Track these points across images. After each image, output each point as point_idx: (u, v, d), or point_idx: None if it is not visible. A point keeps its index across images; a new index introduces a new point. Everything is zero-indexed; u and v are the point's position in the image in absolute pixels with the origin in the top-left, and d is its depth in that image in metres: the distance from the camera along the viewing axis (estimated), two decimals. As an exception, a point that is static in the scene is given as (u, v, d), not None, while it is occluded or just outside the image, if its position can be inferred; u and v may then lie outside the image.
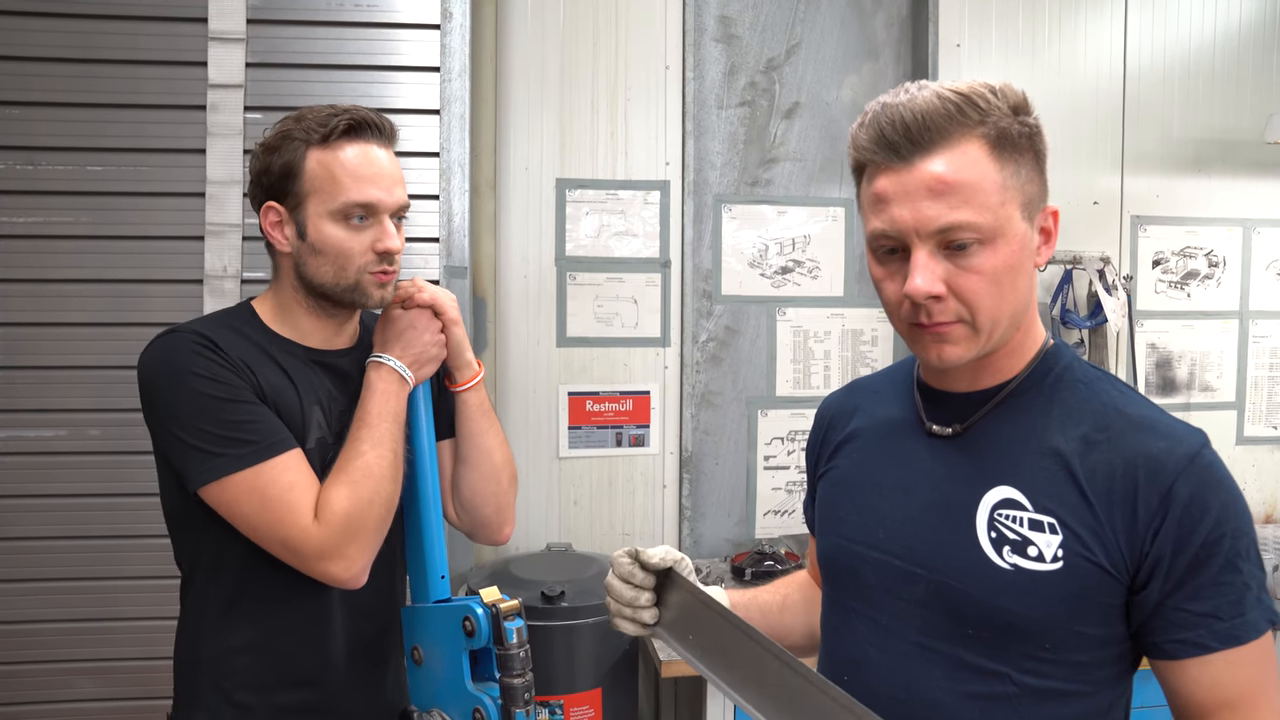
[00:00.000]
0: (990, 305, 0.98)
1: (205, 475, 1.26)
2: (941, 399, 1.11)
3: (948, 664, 1.03)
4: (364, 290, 1.38)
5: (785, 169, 3.01)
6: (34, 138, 2.29)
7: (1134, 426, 1.00)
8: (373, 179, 1.35)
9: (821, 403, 1.33)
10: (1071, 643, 0.99)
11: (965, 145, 0.97)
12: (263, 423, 1.29)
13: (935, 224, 0.96)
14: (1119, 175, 3.13)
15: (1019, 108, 1.01)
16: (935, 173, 0.96)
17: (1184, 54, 3.14)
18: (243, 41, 2.32)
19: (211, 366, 1.28)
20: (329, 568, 1.28)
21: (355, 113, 1.36)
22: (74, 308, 2.31)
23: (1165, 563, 0.95)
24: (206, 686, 1.36)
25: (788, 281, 3.01)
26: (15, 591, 2.30)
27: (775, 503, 3.03)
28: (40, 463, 2.31)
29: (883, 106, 1.00)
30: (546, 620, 2.22)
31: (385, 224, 1.36)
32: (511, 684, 1.30)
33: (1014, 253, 0.99)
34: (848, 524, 1.16)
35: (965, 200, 0.96)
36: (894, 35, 3.06)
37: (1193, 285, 3.20)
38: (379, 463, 1.32)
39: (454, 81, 2.40)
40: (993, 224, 0.96)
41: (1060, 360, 1.08)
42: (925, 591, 1.05)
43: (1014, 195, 0.99)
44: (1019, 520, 1.01)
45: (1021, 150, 1.00)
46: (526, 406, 2.88)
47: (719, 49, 2.96)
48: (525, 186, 2.86)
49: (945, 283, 0.97)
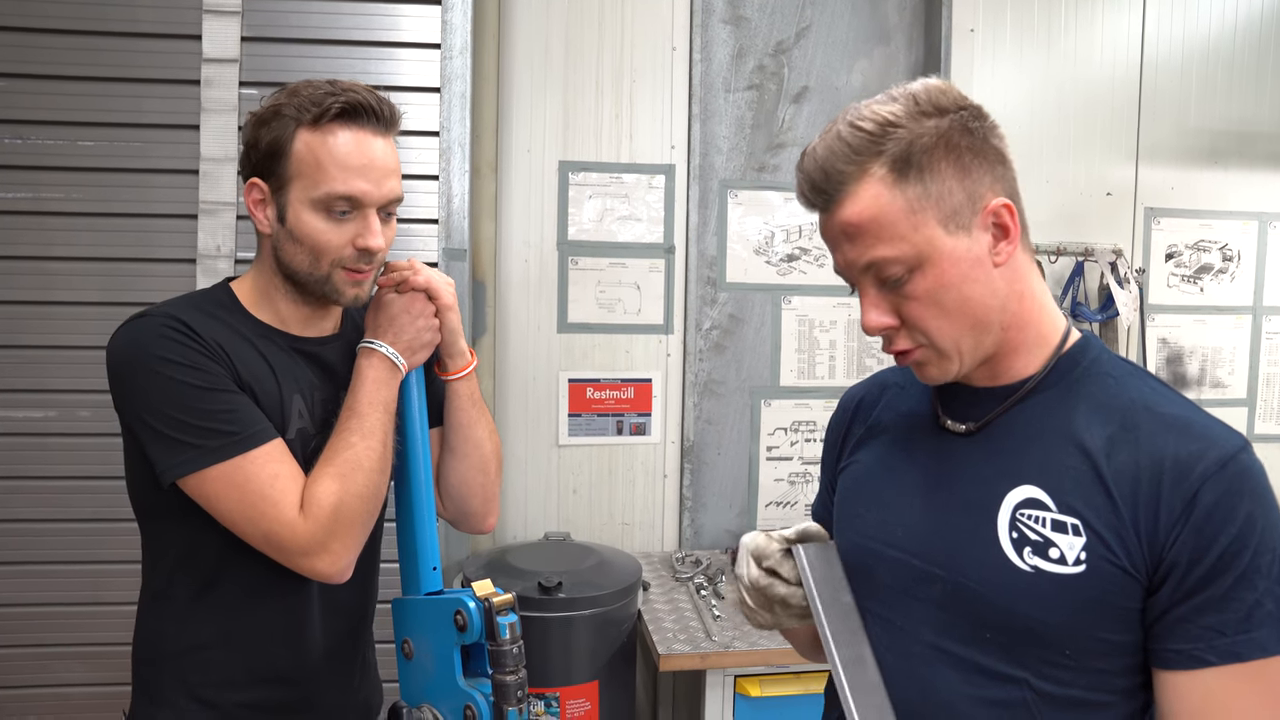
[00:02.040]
0: (940, 326, 0.99)
1: (181, 468, 1.20)
2: (962, 394, 1.07)
3: (964, 668, 1.00)
4: (335, 286, 1.30)
5: (793, 154, 2.95)
6: (25, 111, 2.23)
7: (1164, 426, 0.95)
8: (361, 170, 1.25)
9: (844, 394, 1.29)
10: (1093, 649, 0.95)
11: (862, 185, 0.97)
12: (241, 412, 1.23)
13: (859, 264, 1.00)
14: (1133, 166, 3.07)
15: (938, 107, 0.97)
16: (842, 219, 0.99)
17: (1203, 44, 3.08)
18: (238, 14, 2.26)
19: (186, 352, 1.21)
20: (314, 563, 1.23)
21: (352, 94, 1.26)
22: (64, 286, 2.26)
23: (1180, 570, 0.91)
24: (170, 682, 1.30)
25: (793, 269, 2.96)
26: (3, 574, 2.26)
27: (778, 494, 2.98)
28: (29, 444, 2.26)
29: (803, 156, 1.02)
30: (543, 611, 2.18)
31: (370, 219, 1.27)
32: (504, 681, 1.26)
33: (945, 271, 0.97)
34: (865, 521, 1.12)
35: (876, 237, 0.97)
36: (906, 19, 3.00)
37: (1206, 279, 3.15)
38: (369, 455, 1.27)
39: (455, 59, 2.34)
40: (911, 251, 0.96)
41: (1088, 354, 1.04)
42: (942, 593, 1.02)
43: (928, 214, 0.96)
44: (1042, 521, 0.97)
45: (931, 164, 0.96)
46: (526, 393, 2.83)
47: (727, 31, 2.90)
48: (527, 168, 2.81)
49: (896, 313, 1.00)
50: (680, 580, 2.62)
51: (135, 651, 1.36)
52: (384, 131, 1.29)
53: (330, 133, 1.25)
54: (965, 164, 0.97)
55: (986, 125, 1.00)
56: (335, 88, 1.27)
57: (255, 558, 1.25)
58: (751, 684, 2.22)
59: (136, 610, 1.36)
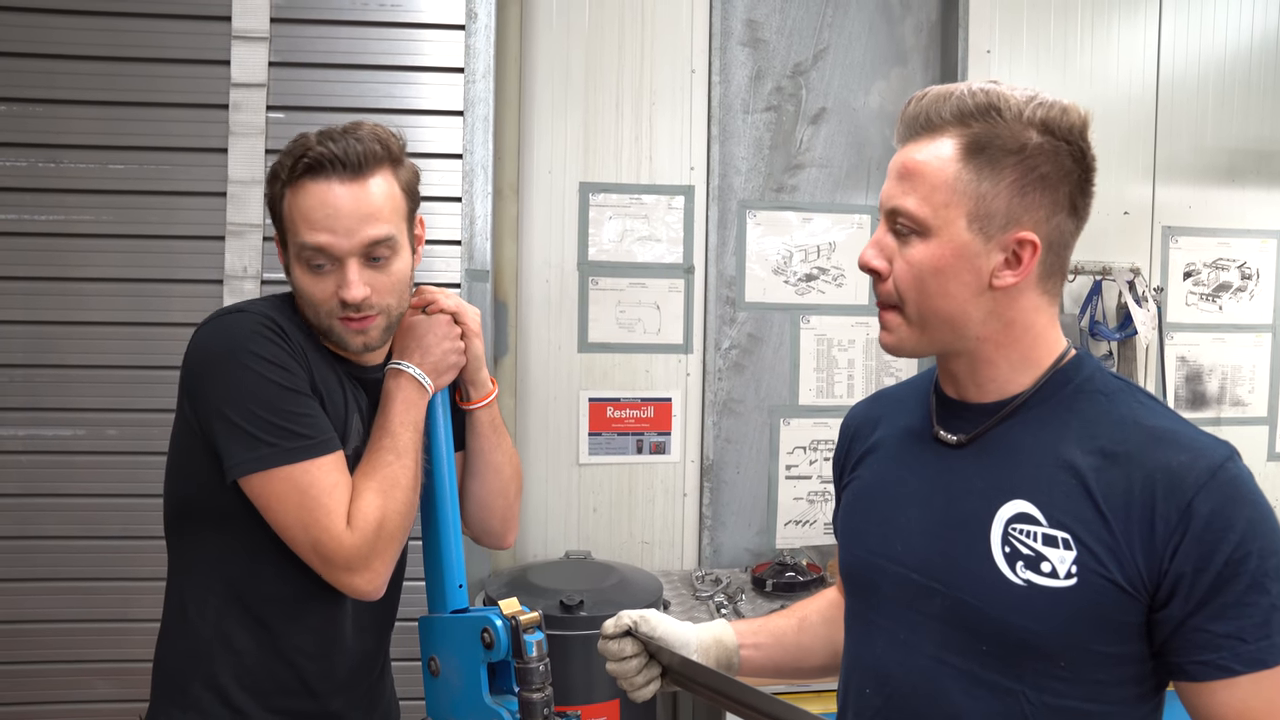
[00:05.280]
0: (914, 299, 1.02)
1: (252, 464, 1.21)
2: (956, 408, 1.10)
3: (965, 680, 1.01)
4: (340, 336, 1.31)
5: (811, 175, 2.97)
6: (57, 135, 2.27)
7: (1153, 439, 0.97)
8: (324, 222, 1.24)
9: (847, 413, 1.32)
10: (1087, 661, 0.96)
11: (943, 138, 1.00)
12: (317, 418, 1.26)
13: (888, 204, 1.03)
14: (1150, 185, 3.07)
15: (1050, 127, 0.98)
16: (907, 156, 1.02)
17: (1219, 62, 3.09)
18: (266, 40, 2.30)
19: (278, 351, 1.24)
20: (353, 579, 1.25)
21: (315, 149, 1.24)
22: (94, 306, 2.29)
23: (1186, 581, 0.92)
24: (199, 686, 1.31)
25: (812, 289, 2.98)
26: (33, 590, 2.29)
27: (797, 513, 2.99)
28: (58, 461, 2.29)
29: (925, 93, 1.04)
30: (565, 630, 2.19)
31: (346, 270, 1.26)
32: (530, 698, 1.27)
33: (944, 256, 0.99)
34: (867, 536, 1.15)
35: (914, 188, 1.00)
36: (923, 41, 3.02)
37: (1225, 298, 3.14)
38: (404, 473, 1.30)
39: (478, 83, 2.37)
40: (928, 219, 0.99)
41: (1081, 371, 1.05)
42: (942, 606, 1.04)
43: (964, 201, 0.98)
44: (1033, 535, 0.98)
45: (1000, 165, 0.98)
46: (547, 412, 2.85)
47: (745, 53, 2.93)
48: (548, 190, 2.84)
49: (890, 263, 1.03)
50: (700, 599, 2.62)
51: (160, 653, 1.36)
52: (353, 178, 1.26)
53: (300, 189, 1.26)
54: (1028, 186, 0.99)
55: (1082, 170, 1.01)
56: (309, 141, 1.26)
57: (297, 567, 1.27)
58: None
59: (162, 617, 1.37)
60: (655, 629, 1.25)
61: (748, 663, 1.30)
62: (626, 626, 1.25)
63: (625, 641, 1.25)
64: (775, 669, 1.33)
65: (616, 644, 1.25)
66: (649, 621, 1.25)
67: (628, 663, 1.25)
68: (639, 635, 1.25)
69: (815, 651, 1.32)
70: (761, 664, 1.31)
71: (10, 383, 2.28)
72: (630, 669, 1.25)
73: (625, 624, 1.25)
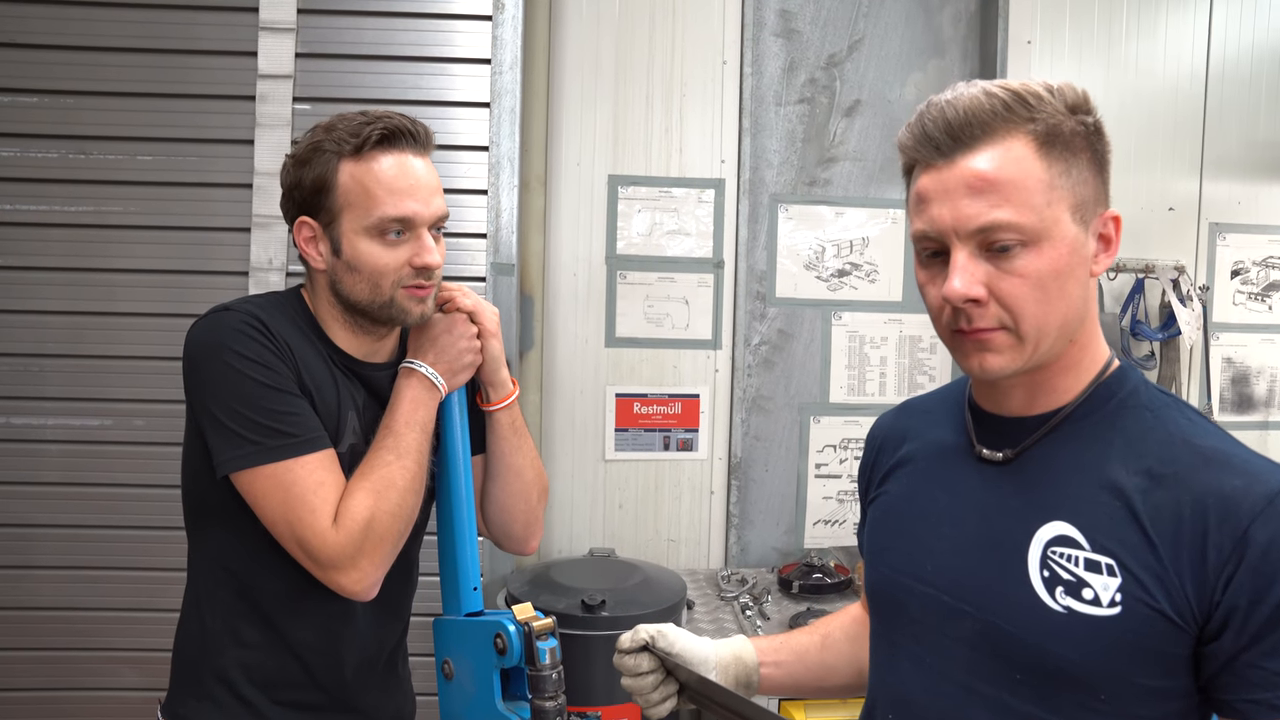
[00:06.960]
0: (1035, 312, 0.93)
1: (237, 462, 1.23)
2: (993, 423, 1.04)
3: (995, 709, 0.97)
4: (401, 307, 1.33)
5: (844, 169, 2.91)
6: (86, 127, 2.28)
7: (1205, 461, 0.91)
8: (409, 191, 1.29)
9: (872, 425, 1.27)
10: (1129, 694, 0.91)
11: (1010, 141, 0.92)
12: (302, 416, 1.26)
13: (974, 223, 0.92)
14: (1197, 180, 2.98)
15: (1077, 106, 0.95)
16: (976, 169, 0.92)
17: (1273, 52, 2.98)
18: (293, 31, 2.29)
19: (259, 350, 1.24)
20: (340, 578, 1.24)
21: (388, 120, 1.29)
22: (122, 297, 2.31)
23: (1240, 614, 0.87)
24: (211, 677, 1.33)
25: (844, 285, 2.92)
26: (59, 579, 2.31)
27: (826, 512, 2.94)
28: (87, 451, 2.31)
29: (928, 104, 0.97)
30: (586, 630, 2.17)
31: (423, 237, 1.31)
32: (543, 706, 1.26)
33: (1061, 256, 0.93)
34: (895, 554, 1.10)
35: (1006, 198, 0.91)
36: (961, 31, 2.95)
37: (1275, 297, 3.04)
38: (403, 474, 1.28)
39: (505, 74, 2.35)
40: (1037, 225, 0.91)
41: (1125, 384, 1.00)
42: (972, 630, 0.99)
43: (1063, 196, 0.93)
44: (1074, 560, 0.93)
45: (1075, 150, 0.94)
46: (573, 407, 2.83)
47: (778, 44, 2.87)
48: (576, 182, 2.81)
49: (986, 286, 0.93)
50: (725, 599, 2.59)
51: (178, 642, 1.38)
52: (422, 151, 1.32)
53: (373, 160, 1.28)
54: (1098, 166, 0.96)
55: (1105, 143, 0.99)
56: (369, 116, 1.30)
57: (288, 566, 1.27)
58: (796, 709, 2.18)
59: (181, 605, 1.39)
60: (673, 645, 1.22)
61: (768, 680, 1.27)
62: (643, 641, 1.22)
63: (642, 657, 1.22)
64: (796, 687, 1.29)
65: (633, 659, 1.22)
66: (666, 637, 1.23)
67: (644, 679, 1.22)
68: (656, 651, 1.22)
69: (839, 670, 1.28)
70: (782, 682, 1.28)
71: (41, 373, 2.30)
72: (646, 685, 1.22)
73: (642, 639, 1.22)
